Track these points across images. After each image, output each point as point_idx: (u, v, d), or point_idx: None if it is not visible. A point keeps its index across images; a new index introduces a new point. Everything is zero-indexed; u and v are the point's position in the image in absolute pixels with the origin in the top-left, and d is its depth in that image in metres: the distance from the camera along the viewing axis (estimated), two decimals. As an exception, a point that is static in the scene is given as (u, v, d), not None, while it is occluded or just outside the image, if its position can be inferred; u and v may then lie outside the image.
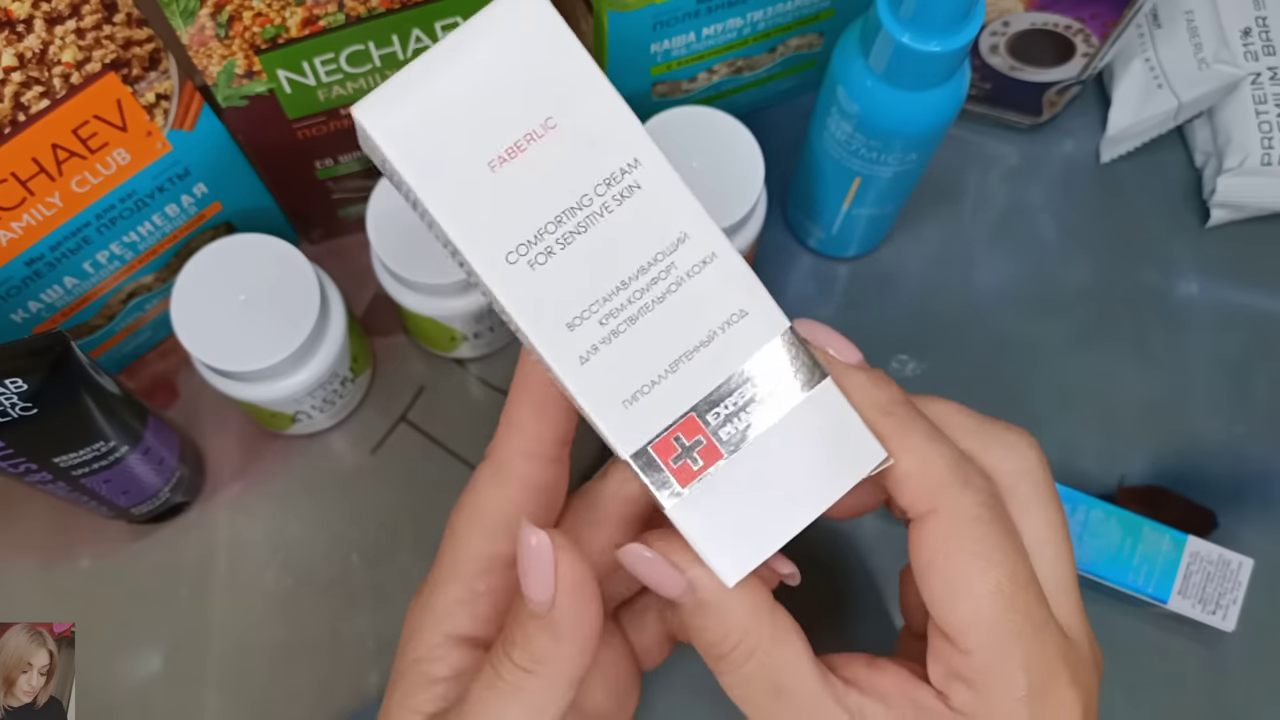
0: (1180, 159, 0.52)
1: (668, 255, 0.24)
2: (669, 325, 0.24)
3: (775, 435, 0.24)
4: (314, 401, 0.43)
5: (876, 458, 0.25)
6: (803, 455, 0.24)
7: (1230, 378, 0.48)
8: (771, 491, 0.24)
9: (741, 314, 0.24)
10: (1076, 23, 0.44)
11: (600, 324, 0.24)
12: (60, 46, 0.33)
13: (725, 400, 0.24)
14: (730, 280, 0.24)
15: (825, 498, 0.24)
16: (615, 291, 0.24)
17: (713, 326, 0.24)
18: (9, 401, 0.32)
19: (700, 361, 0.24)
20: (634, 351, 0.24)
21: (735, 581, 0.24)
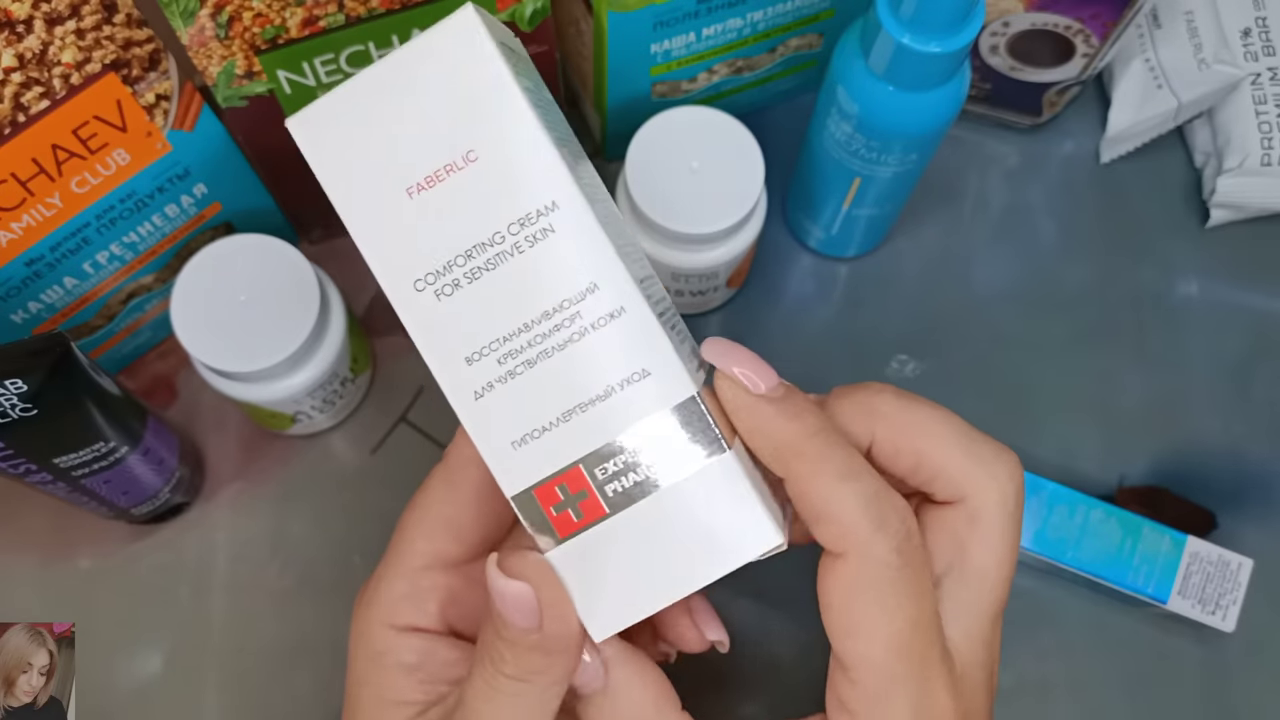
0: (1180, 159, 0.52)
1: (574, 304, 0.23)
2: (567, 374, 0.23)
3: (664, 501, 0.23)
4: (314, 402, 0.43)
5: (767, 543, 0.23)
6: (689, 526, 0.23)
7: (1230, 378, 0.48)
8: (652, 558, 0.23)
9: (644, 374, 0.23)
10: (1076, 23, 0.44)
11: (498, 363, 0.24)
12: (60, 47, 0.33)
13: (615, 458, 0.23)
14: (637, 338, 0.23)
15: (703, 576, 0.23)
16: (517, 333, 0.23)
17: (611, 382, 0.23)
18: (9, 402, 0.32)
19: (594, 415, 0.23)
20: (528, 395, 0.24)
21: (601, 639, 0.24)
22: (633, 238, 0.26)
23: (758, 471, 0.24)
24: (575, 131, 0.51)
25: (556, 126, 0.24)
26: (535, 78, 0.25)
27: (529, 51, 0.41)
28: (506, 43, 0.24)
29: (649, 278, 0.25)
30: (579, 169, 0.24)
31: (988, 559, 0.26)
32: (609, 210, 0.25)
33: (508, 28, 0.26)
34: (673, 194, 0.41)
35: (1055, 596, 0.45)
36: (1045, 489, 0.43)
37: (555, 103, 0.26)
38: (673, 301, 0.47)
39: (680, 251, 0.42)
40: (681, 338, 0.25)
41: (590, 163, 0.27)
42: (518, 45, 0.26)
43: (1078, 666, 0.44)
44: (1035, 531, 0.43)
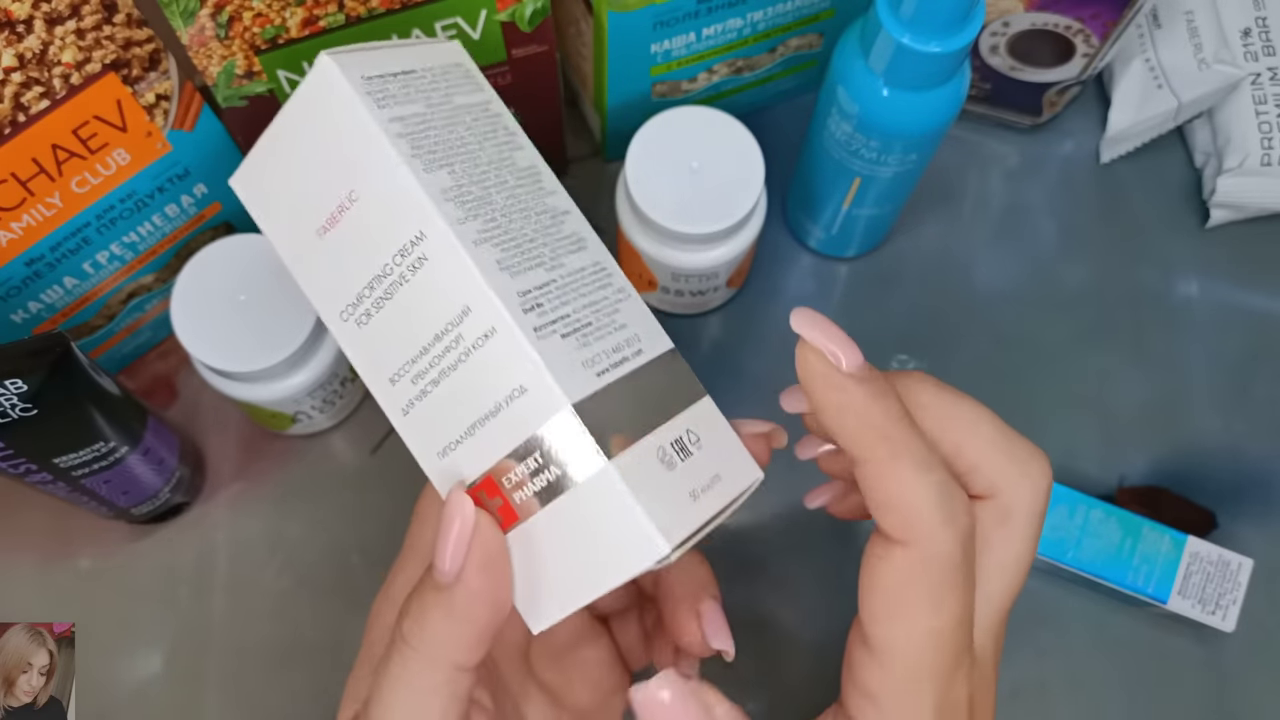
0: (1180, 159, 0.52)
1: (455, 326, 0.25)
2: (464, 391, 0.25)
3: (560, 511, 0.24)
4: (314, 402, 0.43)
5: (654, 555, 0.23)
6: (586, 535, 0.24)
7: (1230, 378, 0.48)
8: (569, 557, 0.24)
9: (521, 390, 0.24)
10: (1076, 23, 0.44)
11: (412, 382, 0.26)
12: (60, 47, 0.33)
13: (514, 469, 0.25)
14: (509, 356, 0.24)
15: (614, 575, 0.24)
16: (420, 354, 0.25)
17: (498, 398, 0.24)
18: (9, 402, 0.32)
19: (492, 428, 0.25)
20: (439, 410, 0.25)
21: (538, 630, 0.25)
22: (566, 232, 0.27)
23: (663, 469, 0.25)
24: (575, 131, 0.51)
25: (456, 146, 0.26)
26: (440, 93, 0.27)
27: (529, 52, 0.41)
28: (392, 71, 0.26)
29: (558, 281, 0.26)
30: (470, 186, 0.25)
31: (1009, 556, 0.26)
32: (519, 217, 0.26)
33: (406, 46, 0.28)
34: (673, 194, 0.41)
35: (1055, 596, 0.45)
36: (1045, 489, 0.43)
37: (488, 109, 0.28)
38: (673, 302, 0.47)
39: (680, 251, 0.42)
40: (588, 339, 0.25)
41: (530, 163, 0.28)
42: (431, 59, 0.27)
43: (1078, 666, 0.44)
44: (1035, 531, 0.43)
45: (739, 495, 0.26)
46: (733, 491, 0.25)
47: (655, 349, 0.26)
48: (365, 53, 0.26)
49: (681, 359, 0.27)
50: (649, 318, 0.27)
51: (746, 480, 0.26)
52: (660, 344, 0.27)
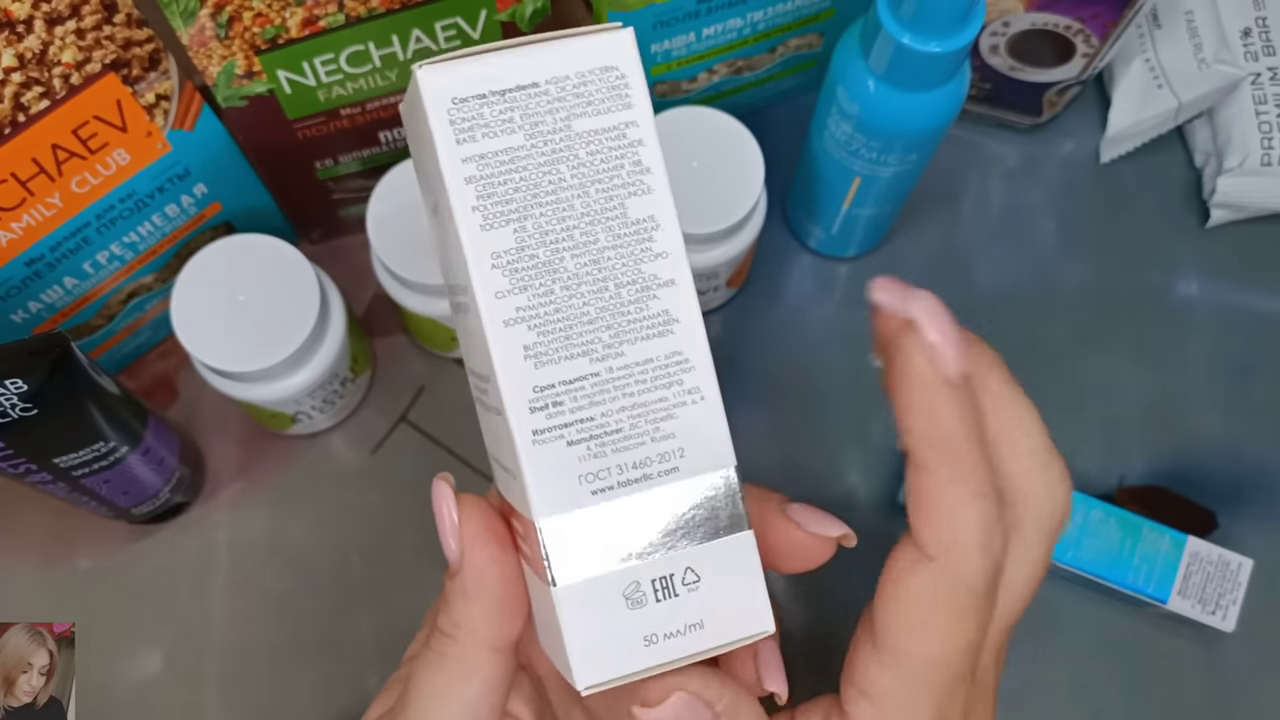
0: (1180, 159, 0.52)
1: (485, 381, 0.24)
2: (494, 432, 0.24)
3: (537, 591, 0.24)
4: (314, 402, 0.43)
5: (576, 683, 0.23)
6: (553, 626, 0.23)
7: (1230, 378, 0.48)
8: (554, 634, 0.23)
9: (516, 474, 0.23)
10: (1076, 23, 0.44)
11: (478, 382, 0.25)
12: (60, 47, 0.33)
13: (516, 527, 0.24)
14: (511, 443, 0.23)
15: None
16: (474, 375, 0.25)
17: (507, 464, 0.24)
18: (9, 402, 0.32)
19: (506, 479, 0.24)
20: (490, 428, 0.25)
21: (584, 688, 0.23)
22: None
23: (622, 605, 0.23)
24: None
25: (544, 193, 0.23)
26: (559, 116, 0.23)
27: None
28: (500, 88, 0.23)
29: (601, 376, 0.23)
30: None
31: (1019, 574, 0.25)
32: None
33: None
34: (673, 194, 0.41)
35: (1055, 596, 0.45)
36: (1045, 489, 0.43)
37: (623, 136, 0.24)
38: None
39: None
40: (605, 449, 0.23)
41: None
42: (571, 64, 0.23)
43: (1078, 666, 0.44)
44: (1035, 531, 0.43)
45: (726, 644, 0.23)
46: (715, 640, 0.23)
47: (699, 468, 0.23)
48: (475, 61, 0.23)
49: (735, 482, 0.24)
50: (716, 428, 0.24)
51: (743, 632, 0.24)
52: (713, 462, 0.23)
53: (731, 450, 0.24)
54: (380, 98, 0.41)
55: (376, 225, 0.40)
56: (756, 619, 0.24)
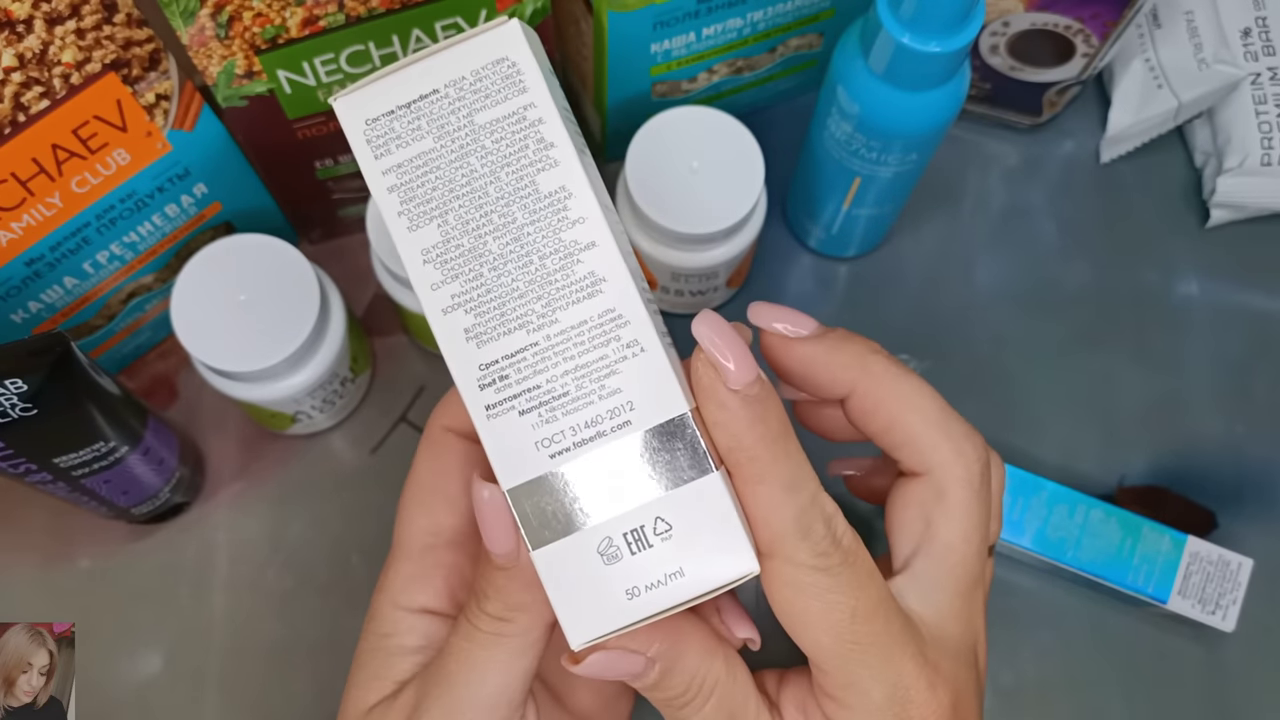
0: (1180, 159, 0.52)
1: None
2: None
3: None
4: (314, 402, 0.43)
5: (571, 641, 0.24)
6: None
7: (1230, 378, 0.48)
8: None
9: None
10: (1076, 23, 0.44)
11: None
12: (60, 47, 0.33)
13: None
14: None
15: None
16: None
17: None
18: (9, 402, 0.32)
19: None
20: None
21: (580, 644, 0.24)
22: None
23: (599, 563, 0.24)
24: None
25: (459, 186, 0.25)
26: (461, 115, 0.25)
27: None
28: (405, 100, 0.25)
29: (540, 345, 0.25)
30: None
31: (953, 534, 0.27)
32: None
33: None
34: (673, 194, 0.41)
35: (1055, 596, 0.45)
36: (1045, 489, 0.43)
37: (523, 118, 0.25)
38: (673, 301, 0.47)
39: (680, 251, 0.42)
40: (555, 413, 0.25)
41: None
42: (466, 63, 0.25)
43: (1078, 666, 0.44)
44: (1036, 531, 0.43)
45: (709, 590, 0.24)
46: (699, 588, 0.24)
47: (652, 417, 0.24)
48: (380, 82, 0.25)
49: (693, 426, 0.24)
50: (664, 375, 0.24)
51: (726, 576, 0.24)
52: (663, 410, 0.24)
53: (682, 395, 0.24)
54: (380, 98, 0.41)
55: (376, 225, 0.40)
56: (738, 561, 0.24)
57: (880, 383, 0.27)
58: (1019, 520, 0.43)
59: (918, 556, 0.27)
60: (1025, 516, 0.43)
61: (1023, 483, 0.43)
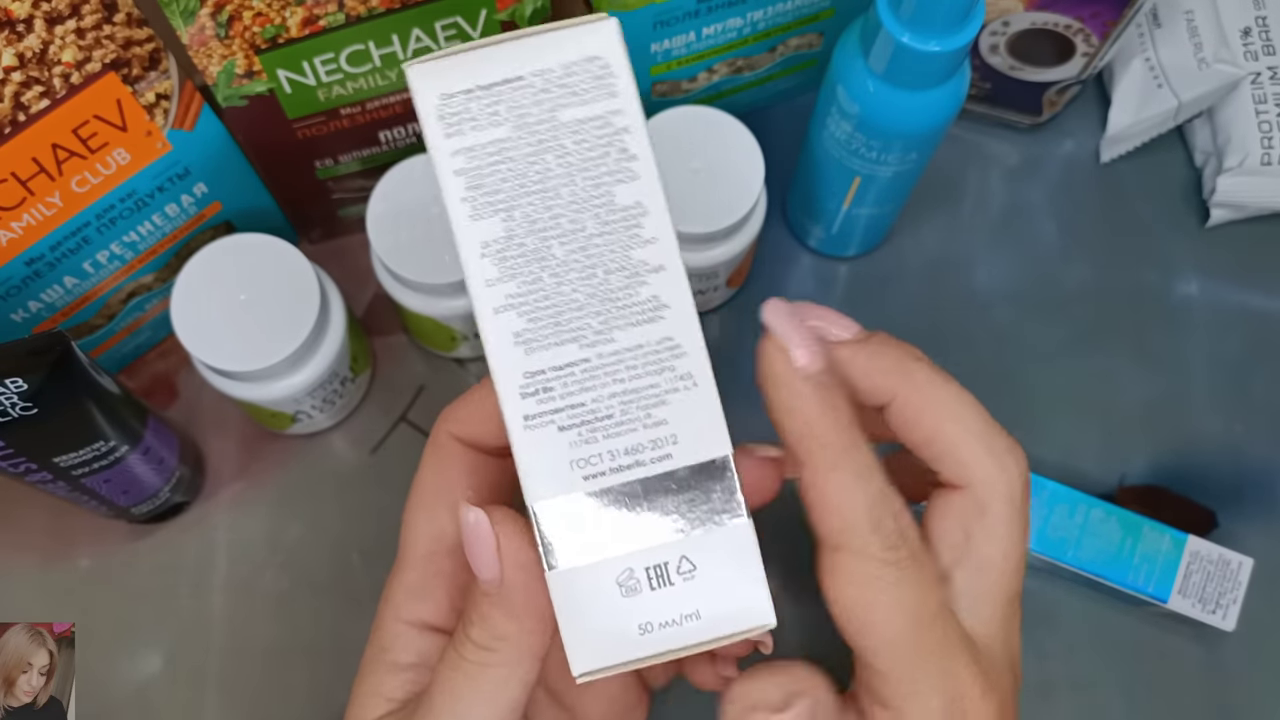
0: (1180, 159, 0.52)
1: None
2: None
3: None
4: (314, 401, 0.43)
5: (755, 621, 0.23)
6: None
7: (1230, 377, 0.48)
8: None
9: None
10: (1076, 22, 0.44)
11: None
12: (60, 46, 0.33)
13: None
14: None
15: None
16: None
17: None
18: (9, 401, 0.32)
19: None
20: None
21: (579, 674, 0.23)
22: None
23: (616, 593, 0.24)
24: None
25: (531, 182, 0.24)
26: (544, 107, 0.24)
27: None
28: (486, 81, 0.23)
29: (591, 362, 0.24)
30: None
31: (994, 551, 0.26)
32: None
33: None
34: (673, 193, 0.41)
35: (1055, 596, 0.45)
36: (1046, 489, 0.43)
37: (608, 124, 0.24)
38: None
39: (680, 250, 0.42)
40: (596, 434, 0.24)
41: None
42: (556, 55, 0.24)
43: (1078, 666, 0.44)
44: (1036, 531, 0.43)
45: (723, 637, 0.23)
46: (713, 632, 0.23)
47: (694, 455, 0.23)
48: (462, 57, 0.23)
49: (733, 469, 0.24)
50: (712, 413, 0.24)
51: (742, 625, 0.23)
52: (707, 449, 0.23)
53: (727, 437, 0.23)
54: (380, 97, 0.41)
55: (376, 225, 0.40)
56: (756, 611, 0.23)
57: (922, 392, 0.26)
58: (1019, 520, 0.43)
59: (958, 569, 0.26)
60: (1025, 516, 0.43)
61: (1023, 482, 0.43)
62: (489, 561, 0.24)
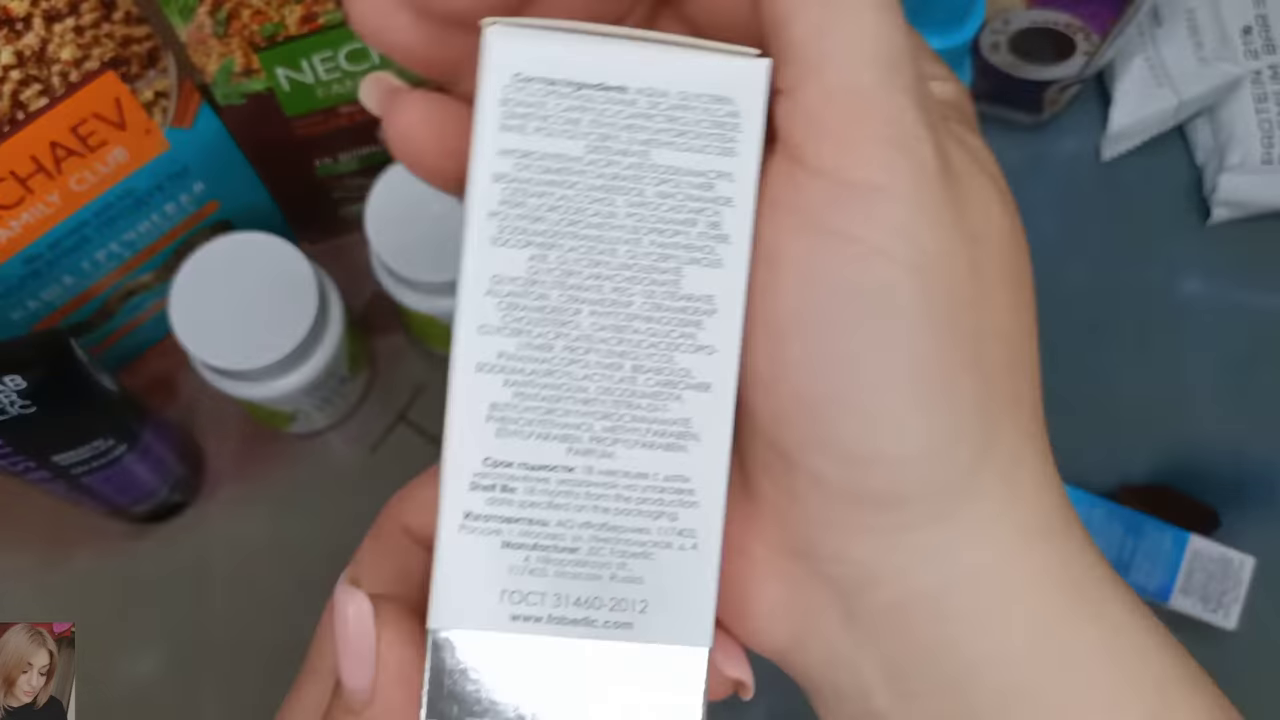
0: (1181, 157, 0.52)
1: None
2: None
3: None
4: (313, 400, 0.43)
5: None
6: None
7: (1232, 375, 0.48)
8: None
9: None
10: (1077, 20, 0.44)
11: None
12: (59, 44, 0.33)
13: None
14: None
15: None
16: None
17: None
18: (8, 399, 0.32)
19: None
20: None
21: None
22: None
23: None
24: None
25: (586, 224, 0.18)
26: (637, 137, 0.18)
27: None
28: (579, 79, 0.18)
29: (577, 475, 0.18)
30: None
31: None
32: None
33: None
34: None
35: (1057, 595, 0.45)
36: (1046, 487, 0.43)
37: (710, 187, 0.18)
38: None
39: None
40: (548, 568, 0.19)
41: None
42: (680, 80, 0.18)
43: (1079, 665, 0.44)
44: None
45: None
46: None
47: (659, 633, 0.18)
48: (560, 36, 0.18)
49: (703, 672, 0.18)
50: (703, 592, 0.18)
51: None
52: (678, 632, 0.18)
53: (710, 627, 0.18)
54: (379, 95, 0.40)
55: (375, 224, 0.40)
56: None
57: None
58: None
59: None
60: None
61: (1024, 481, 0.43)
62: (360, 667, 0.19)
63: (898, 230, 0.16)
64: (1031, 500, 0.19)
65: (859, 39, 0.16)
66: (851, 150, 0.16)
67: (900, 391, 0.17)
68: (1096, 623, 0.18)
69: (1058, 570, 0.18)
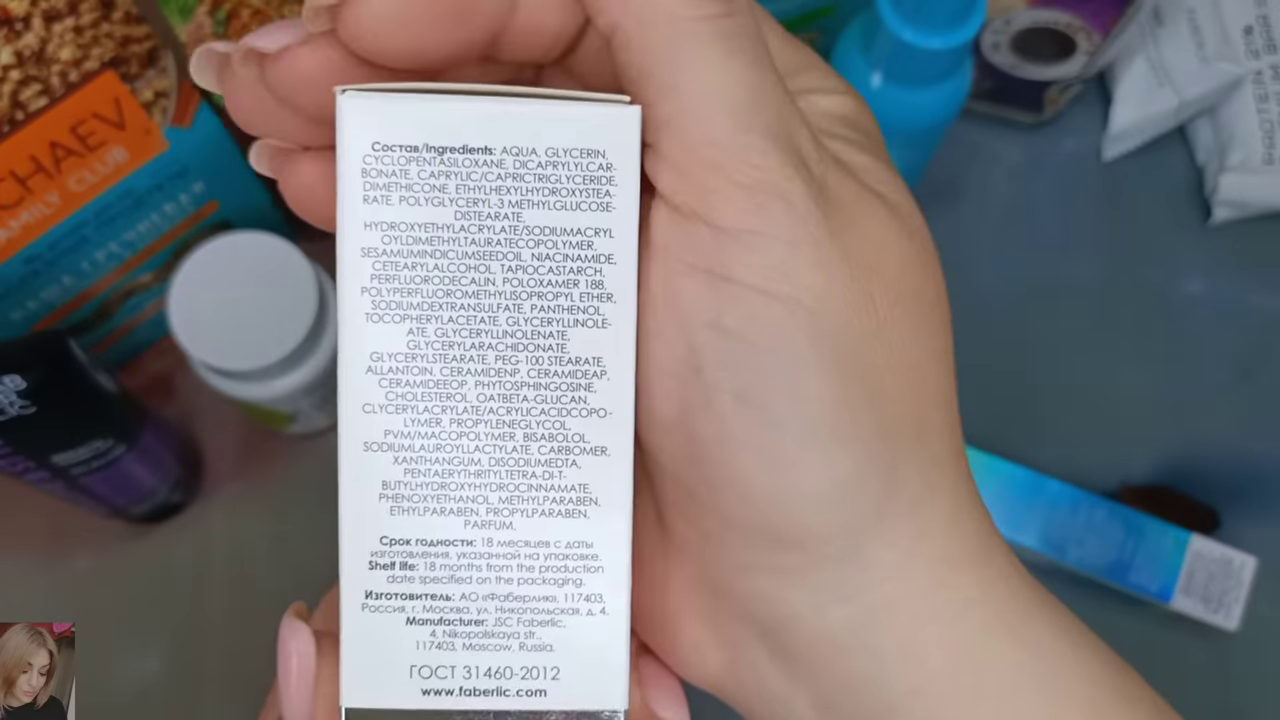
0: (1182, 157, 0.52)
1: None
2: None
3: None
4: (312, 400, 0.43)
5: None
6: None
7: (1233, 375, 0.48)
8: None
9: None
10: (1078, 20, 0.44)
11: None
12: (58, 44, 0.33)
13: None
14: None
15: None
16: None
17: None
18: (7, 399, 0.32)
19: None
20: None
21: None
22: None
23: None
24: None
25: (464, 293, 0.18)
26: (507, 200, 0.17)
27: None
28: (442, 144, 0.17)
29: (477, 548, 0.18)
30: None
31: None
32: None
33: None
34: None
35: (1058, 595, 0.44)
36: (1048, 487, 0.43)
37: (589, 245, 0.18)
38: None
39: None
40: (454, 640, 0.19)
41: None
42: (550, 135, 0.17)
43: (1080, 666, 0.44)
44: (1038, 530, 0.42)
45: None
46: None
47: (573, 699, 0.18)
48: (418, 100, 0.17)
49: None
50: (614, 654, 0.18)
51: None
52: (593, 697, 0.18)
53: (625, 688, 0.18)
54: (379, 95, 0.40)
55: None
56: None
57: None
58: (1022, 519, 0.43)
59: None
60: (1028, 515, 0.43)
61: (1025, 481, 0.43)
62: (301, 706, 0.19)
63: (777, 270, 0.16)
64: (944, 530, 0.18)
65: (710, 90, 0.16)
66: (718, 200, 0.16)
67: (796, 431, 0.17)
68: (1021, 650, 0.18)
69: (978, 600, 0.18)
